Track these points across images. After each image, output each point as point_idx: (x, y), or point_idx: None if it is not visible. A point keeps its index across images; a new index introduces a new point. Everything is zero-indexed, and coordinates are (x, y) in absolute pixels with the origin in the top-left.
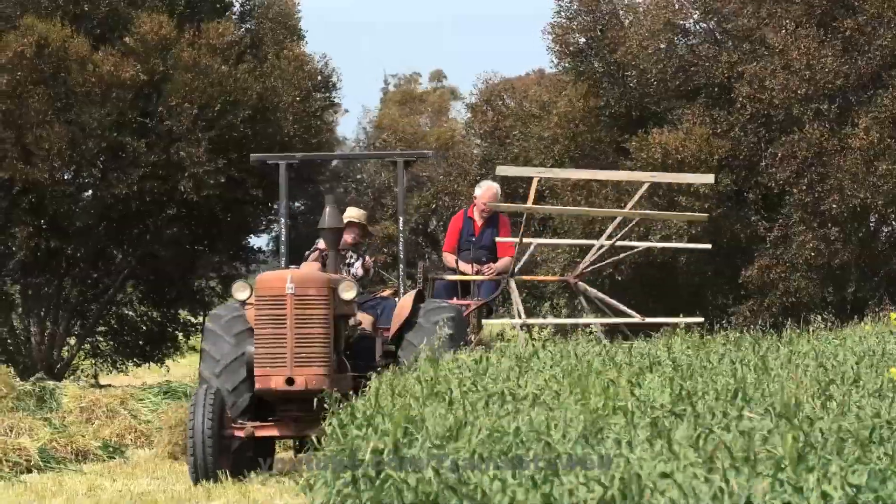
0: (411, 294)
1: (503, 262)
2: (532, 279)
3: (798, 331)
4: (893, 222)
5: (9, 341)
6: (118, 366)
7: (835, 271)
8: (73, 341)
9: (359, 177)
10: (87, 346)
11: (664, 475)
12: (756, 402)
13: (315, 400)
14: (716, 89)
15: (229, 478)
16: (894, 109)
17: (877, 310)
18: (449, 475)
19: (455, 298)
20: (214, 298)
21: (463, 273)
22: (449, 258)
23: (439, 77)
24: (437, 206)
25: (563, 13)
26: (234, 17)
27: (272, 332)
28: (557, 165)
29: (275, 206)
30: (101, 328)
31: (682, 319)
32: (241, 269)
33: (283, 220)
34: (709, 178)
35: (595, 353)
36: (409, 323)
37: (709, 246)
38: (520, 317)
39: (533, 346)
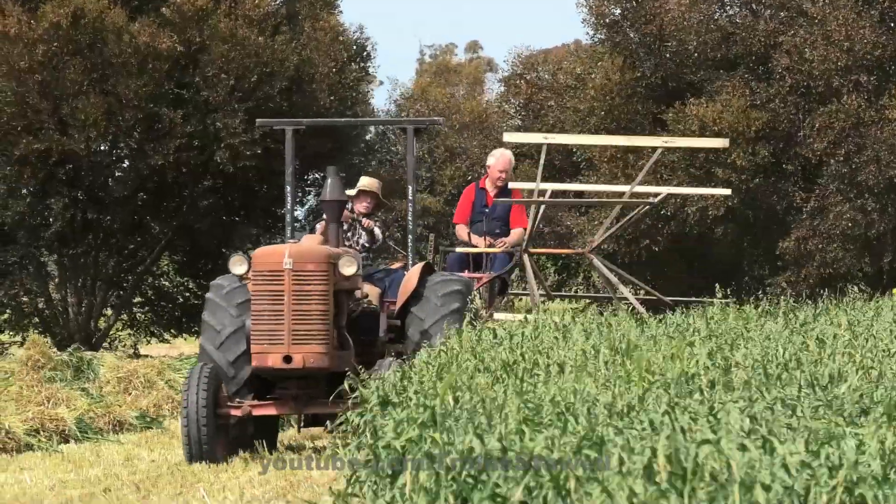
0: (419, 266)
1: (516, 233)
2: (546, 251)
3: (834, 302)
4: None
5: (46, 312)
6: (156, 335)
7: (871, 242)
8: (109, 312)
9: (393, 148)
10: (124, 316)
11: (706, 442)
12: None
13: (319, 378)
14: (754, 60)
15: (266, 448)
16: None
17: None
18: (494, 443)
19: (467, 272)
20: None
21: (474, 246)
22: (461, 230)
23: (475, 48)
24: (472, 177)
25: None
26: None
27: (269, 309)
28: None
29: (310, 178)
30: (138, 299)
31: (703, 300)
32: (276, 240)
33: (288, 189)
34: (723, 143)
35: (633, 325)
36: (415, 296)
37: (728, 191)
38: (535, 292)
39: (573, 318)
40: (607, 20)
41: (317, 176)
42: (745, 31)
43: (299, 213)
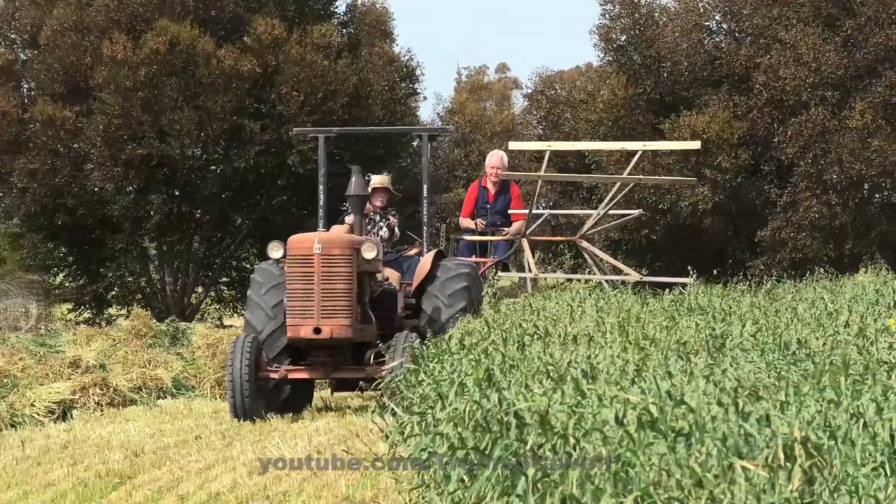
0: (432, 253)
1: (516, 225)
2: (542, 239)
3: (803, 281)
4: (884, 190)
5: (147, 290)
6: (238, 309)
7: (835, 231)
8: (200, 290)
9: (437, 152)
10: (213, 293)
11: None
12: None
13: (344, 347)
14: (736, 78)
15: (332, 405)
16: (886, 96)
17: (869, 264)
18: (512, 398)
19: (474, 257)
20: None
21: (475, 228)
22: (466, 222)
23: (504, 69)
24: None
25: (607, 15)
26: (335, 22)
27: (302, 287)
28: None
29: (367, 177)
30: (224, 279)
31: (676, 280)
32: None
33: (320, 188)
34: (695, 145)
35: (633, 301)
36: (429, 277)
37: (694, 179)
38: (531, 271)
39: (580, 294)
40: (614, 45)
41: (370, 176)
42: (728, 55)
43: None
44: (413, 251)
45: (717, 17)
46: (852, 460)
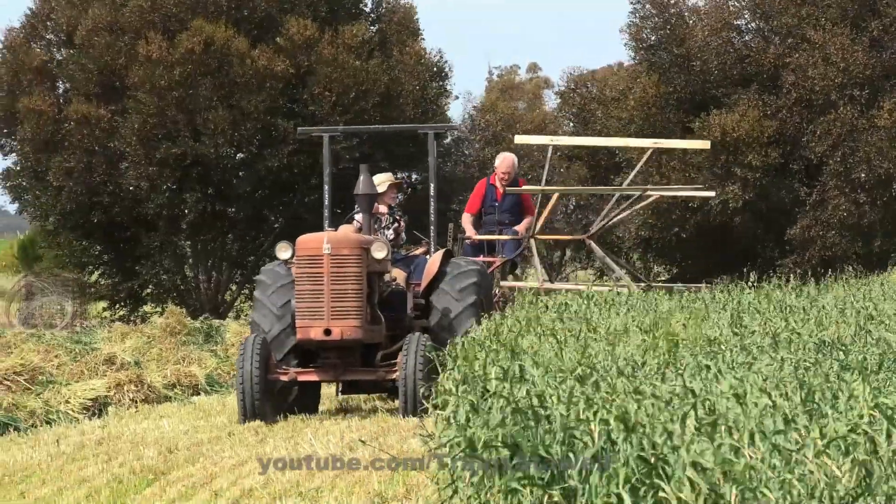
0: (440, 252)
1: (526, 221)
2: (550, 237)
3: (833, 278)
4: None
5: (181, 287)
6: None
7: (863, 229)
8: (234, 287)
9: (467, 152)
10: (246, 291)
11: (735, 396)
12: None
13: (354, 349)
14: (765, 77)
15: (369, 398)
16: None
17: None
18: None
19: (482, 256)
20: None
21: (470, 236)
22: (466, 220)
23: (535, 69)
24: (529, 178)
25: (637, 14)
26: (366, 21)
27: (311, 288)
28: None
29: (399, 176)
30: (258, 276)
31: (686, 285)
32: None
33: (326, 187)
34: (704, 144)
35: (663, 300)
36: (438, 275)
37: (712, 193)
38: (540, 277)
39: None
40: (645, 44)
41: (402, 176)
42: (758, 54)
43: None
44: (420, 250)
45: (746, 16)
46: None
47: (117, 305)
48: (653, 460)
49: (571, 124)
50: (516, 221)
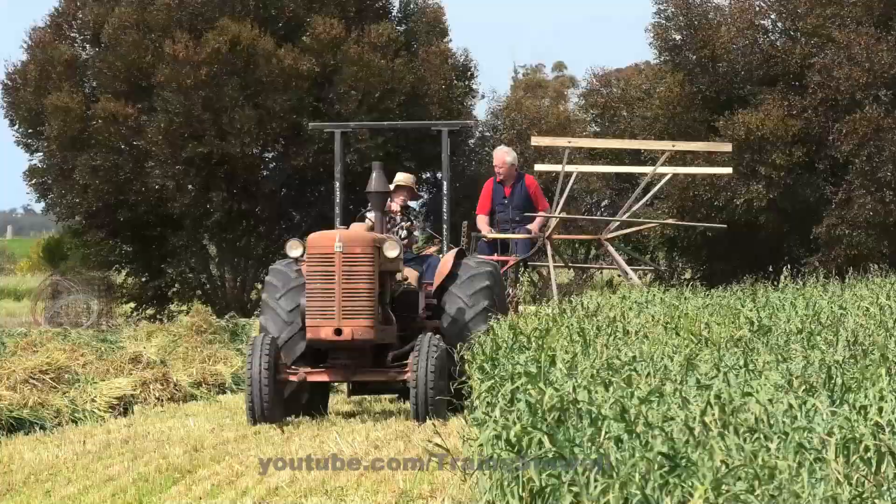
0: (453, 252)
1: (537, 222)
2: (566, 237)
3: (858, 277)
4: None
5: (207, 286)
6: None
7: (889, 228)
8: (259, 286)
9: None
10: None
11: (748, 394)
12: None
13: (365, 349)
14: (790, 77)
15: (378, 398)
16: None
17: None
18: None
19: (495, 255)
20: None
21: (486, 235)
22: (481, 220)
23: (561, 67)
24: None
25: (661, 15)
26: (393, 20)
27: (322, 287)
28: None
29: (425, 175)
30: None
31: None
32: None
33: (337, 184)
34: (725, 147)
35: (686, 299)
36: (450, 277)
37: (729, 170)
38: (552, 281)
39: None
40: (670, 44)
41: (428, 174)
42: (783, 54)
43: (414, 204)
44: (432, 249)
45: (772, 16)
46: None
47: (143, 304)
48: (676, 460)
49: (595, 124)
50: (528, 218)
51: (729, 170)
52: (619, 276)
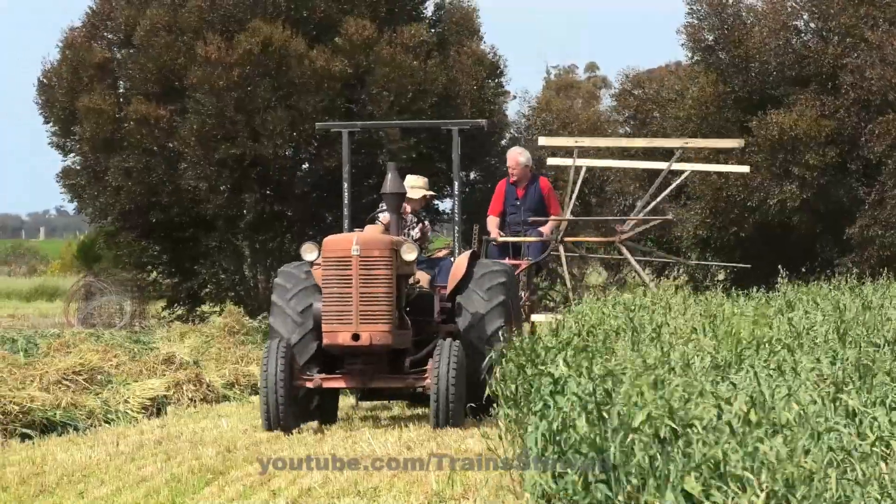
0: (467, 254)
1: (550, 224)
2: (579, 240)
3: (892, 278)
4: None
5: (240, 287)
6: None
7: None
8: None
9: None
10: None
11: (787, 395)
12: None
13: (381, 354)
14: (823, 77)
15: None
16: None
17: None
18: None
19: (507, 258)
20: None
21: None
22: (491, 222)
23: (593, 68)
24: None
25: (694, 15)
26: (425, 21)
27: (339, 291)
28: None
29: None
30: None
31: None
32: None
33: (345, 185)
34: (738, 143)
35: (721, 301)
36: (465, 279)
37: (747, 168)
38: (566, 285)
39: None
40: (703, 44)
41: (463, 174)
42: (816, 55)
43: (447, 204)
44: (443, 252)
45: (804, 17)
46: None
47: (176, 305)
48: (715, 461)
49: (627, 125)
50: (541, 221)
51: (746, 168)
52: (652, 276)
